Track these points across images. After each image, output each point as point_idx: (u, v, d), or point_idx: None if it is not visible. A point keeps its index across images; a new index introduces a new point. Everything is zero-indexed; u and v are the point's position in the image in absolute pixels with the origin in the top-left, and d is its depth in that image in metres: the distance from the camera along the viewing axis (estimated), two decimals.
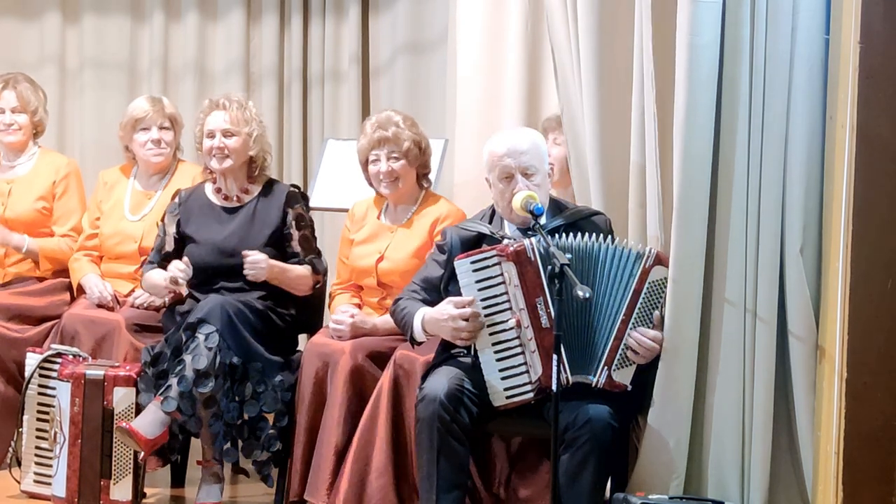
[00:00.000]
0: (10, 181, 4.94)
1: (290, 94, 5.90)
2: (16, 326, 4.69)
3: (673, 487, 3.67)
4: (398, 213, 4.42)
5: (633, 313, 3.68)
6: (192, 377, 4.05)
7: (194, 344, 4.11)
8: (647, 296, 3.70)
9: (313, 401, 4.18)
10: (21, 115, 4.93)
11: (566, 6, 3.98)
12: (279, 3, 5.90)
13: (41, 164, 4.97)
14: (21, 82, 4.95)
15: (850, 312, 3.42)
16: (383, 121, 4.37)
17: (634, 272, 3.69)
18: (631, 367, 3.69)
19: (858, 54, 3.37)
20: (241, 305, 4.23)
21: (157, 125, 4.79)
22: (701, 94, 3.56)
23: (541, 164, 3.87)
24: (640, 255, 3.69)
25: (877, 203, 3.40)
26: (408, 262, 4.28)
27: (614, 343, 3.68)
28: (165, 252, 4.50)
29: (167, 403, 4.04)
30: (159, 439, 4.07)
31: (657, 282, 3.70)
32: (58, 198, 4.93)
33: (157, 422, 4.06)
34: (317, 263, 4.46)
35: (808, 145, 3.58)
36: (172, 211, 4.53)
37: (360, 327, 4.24)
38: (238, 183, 4.50)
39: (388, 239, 4.37)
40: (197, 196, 4.54)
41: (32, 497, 4.38)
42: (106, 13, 5.92)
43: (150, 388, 4.16)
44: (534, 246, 3.67)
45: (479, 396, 3.70)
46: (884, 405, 3.41)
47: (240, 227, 4.43)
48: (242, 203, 4.48)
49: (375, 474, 3.98)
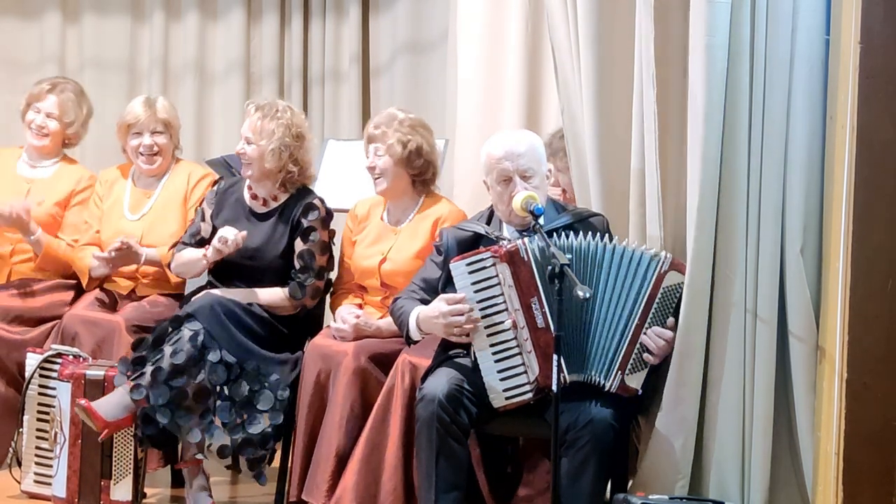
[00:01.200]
0: (30, 181, 4.92)
1: (290, 94, 5.90)
2: (16, 328, 4.68)
3: (678, 489, 3.67)
4: (399, 214, 4.41)
5: (647, 318, 3.68)
6: (167, 370, 4.04)
7: (177, 337, 4.10)
8: (661, 301, 3.69)
9: (314, 402, 4.17)
10: (54, 121, 4.91)
11: (566, 6, 3.98)
12: (279, 3, 5.91)
13: (63, 173, 4.95)
14: (67, 91, 4.93)
15: (850, 312, 3.41)
16: (382, 118, 4.37)
17: (649, 277, 3.68)
18: (643, 372, 3.69)
19: (858, 55, 3.37)
20: (233, 305, 4.22)
21: (150, 130, 4.76)
22: (717, 95, 3.54)
23: (538, 167, 3.86)
24: (656, 260, 3.68)
25: (877, 203, 3.40)
26: (410, 263, 4.27)
27: (628, 347, 3.67)
28: (200, 237, 4.48)
29: (137, 392, 4.02)
30: (121, 423, 4.05)
31: (672, 287, 3.68)
32: (71, 206, 4.92)
33: (120, 405, 4.05)
34: (295, 290, 4.33)
35: (808, 146, 3.58)
36: (209, 199, 4.53)
37: (364, 329, 4.22)
38: (267, 189, 4.46)
39: (391, 240, 4.36)
40: (235, 190, 4.52)
41: (33, 497, 4.38)
42: (106, 13, 5.93)
43: (124, 372, 4.14)
44: (527, 246, 3.67)
45: (479, 397, 3.70)
46: (884, 405, 3.41)
47: (262, 234, 4.40)
48: (270, 208, 4.45)
49: (388, 475, 3.97)
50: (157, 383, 4.04)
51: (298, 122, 4.44)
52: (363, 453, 4.01)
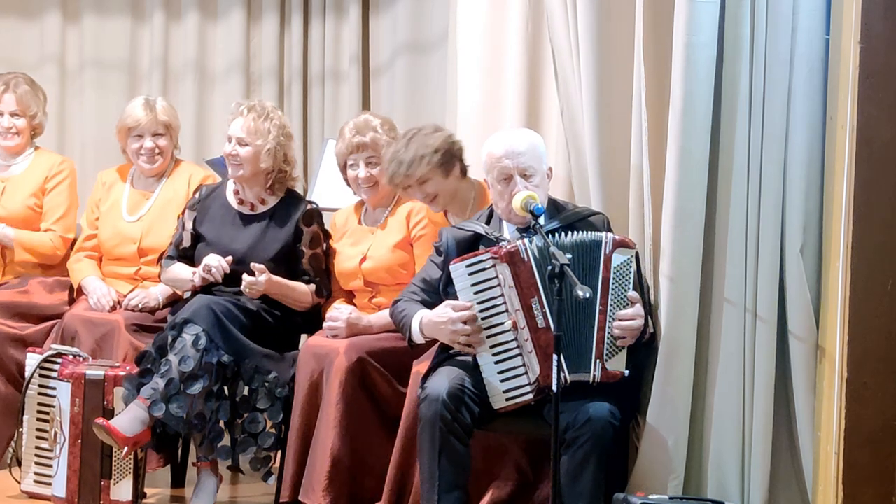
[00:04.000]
0: (5, 180, 4.93)
1: (290, 94, 5.90)
2: (16, 324, 4.68)
3: (671, 487, 3.68)
4: (376, 215, 4.44)
5: (608, 302, 3.69)
6: (178, 380, 4.04)
7: (181, 345, 4.09)
8: (615, 281, 3.70)
9: (308, 401, 4.17)
10: (20, 118, 4.92)
11: (566, 6, 3.98)
12: (279, 3, 5.90)
13: (36, 164, 4.96)
14: (21, 85, 4.93)
15: (850, 312, 3.42)
16: (361, 125, 4.37)
17: (600, 261, 3.70)
18: (622, 353, 3.70)
19: (858, 54, 3.37)
20: (229, 305, 4.22)
21: (150, 133, 4.75)
22: (698, 94, 3.56)
23: (539, 165, 3.86)
24: (598, 243, 3.70)
25: (877, 203, 3.40)
26: (390, 256, 4.31)
27: (599, 335, 3.68)
28: (183, 248, 4.49)
29: (155, 407, 4.02)
30: (140, 437, 4.05)
31: (622, 265, 3.70)
32: (47, 192, 4.92)
33: (136, 420, 4.04)
34: (322, 286, 4.43)
35: (808, 145, 3.58)
36: (191, 206, 4.52)
37: (356, 324, 4.23)
38: (255, 191, 4.47)
39: (368, 241, 4.40)
40: (217, 196, 4.53)
41: (32, 497, 4.38)
42: (106, 13, 5.92)
43: (133, 387, 4.13)
44: (527, 247, 3.67)
45: (481, 396, 3.70)
46: (884, 405, 3.42)
47: (251, 237, 4.41)
48: (258, 212, 4.47)
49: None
50: (172, 394, 4.04)
51: (286, 121, 4.53)
52: (399, 461, 4.01)
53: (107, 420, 4.04)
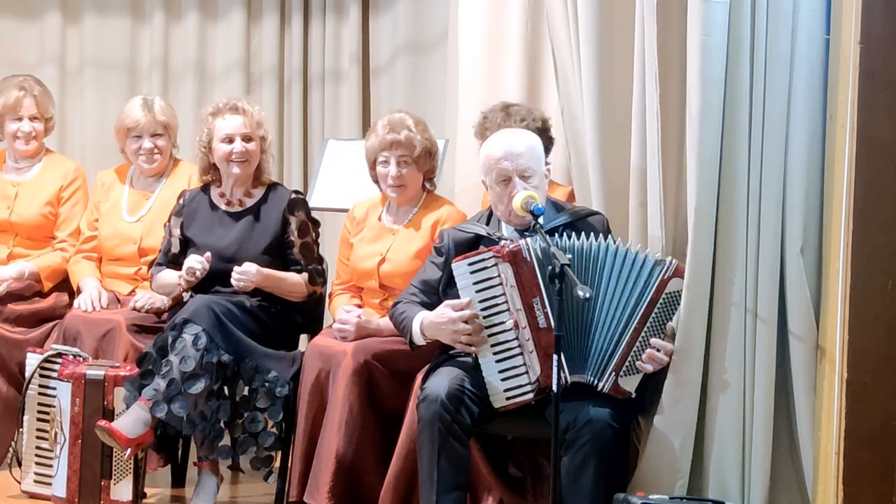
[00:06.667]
0: (17, 184, 4.93)
1: (290, 94, 5.90)
2: (17, 328, 4.69)
3: (677, 488, 3.67)
4: (399, 214, 4.40)
5: (647, 322, 3.68)
6: (180, 380, 4.04)
7: (181, 345, 4.09)
8: (662, 306, 3.69)
9: (314, 402, 4.16)
10: (39, 122, 4.92)
11: (566, 6, 3.98)
12: (279, 3, 5.90)
13: (48, 168, 4.96)
14: (35, 87, 4.93)
15: (850, 312, 3.41)
16: (396, 123, 4.32)
17: (652, 281, 3.68)
18: (638, 375, 3.69)
19: (858, 54, 3.37)
20: (229, 304, 4.22)
21: (149, 133, 4.75)
22: (713, 96, 3.54)
23: (538, 166, 3.86)
24: (660, 265, 3.68)
25: (877, 203, 3.40)
26: (409, 263, 4.27)
27: (625, 349, 3.67)
28: (172, 254, 4.50)
29: (158, 408, 4.02)
30: (143, 438, 4.06)
31: (673, 293, 3.68)
32: (63, 202, 4.93)
33: (139, 421, 4.04)
34: (316, 274, 4.43)
35: (808, 145, 3.58)
36: (177, 213, 4.53)
37: (365, 327, 4.22)
38: (243, 189, 4.48)
39: (389, 241, 4.36)
40: (201, 199, 4.53)
41: (33, 497, 4.39)
42: (106, 13, 5.92)
43: (134, 389, 4.13)
44: (530, 246, 3.67)
45: (480, 396, 3.70)
46: (884, 405, 3.41)
47: (241, 233, 4.42)
48: (244, 207, 4.47)
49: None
50: (173, 395, 4.04)
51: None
52: (402, 465, 4.00)
53: (109, 422, 4.05)
